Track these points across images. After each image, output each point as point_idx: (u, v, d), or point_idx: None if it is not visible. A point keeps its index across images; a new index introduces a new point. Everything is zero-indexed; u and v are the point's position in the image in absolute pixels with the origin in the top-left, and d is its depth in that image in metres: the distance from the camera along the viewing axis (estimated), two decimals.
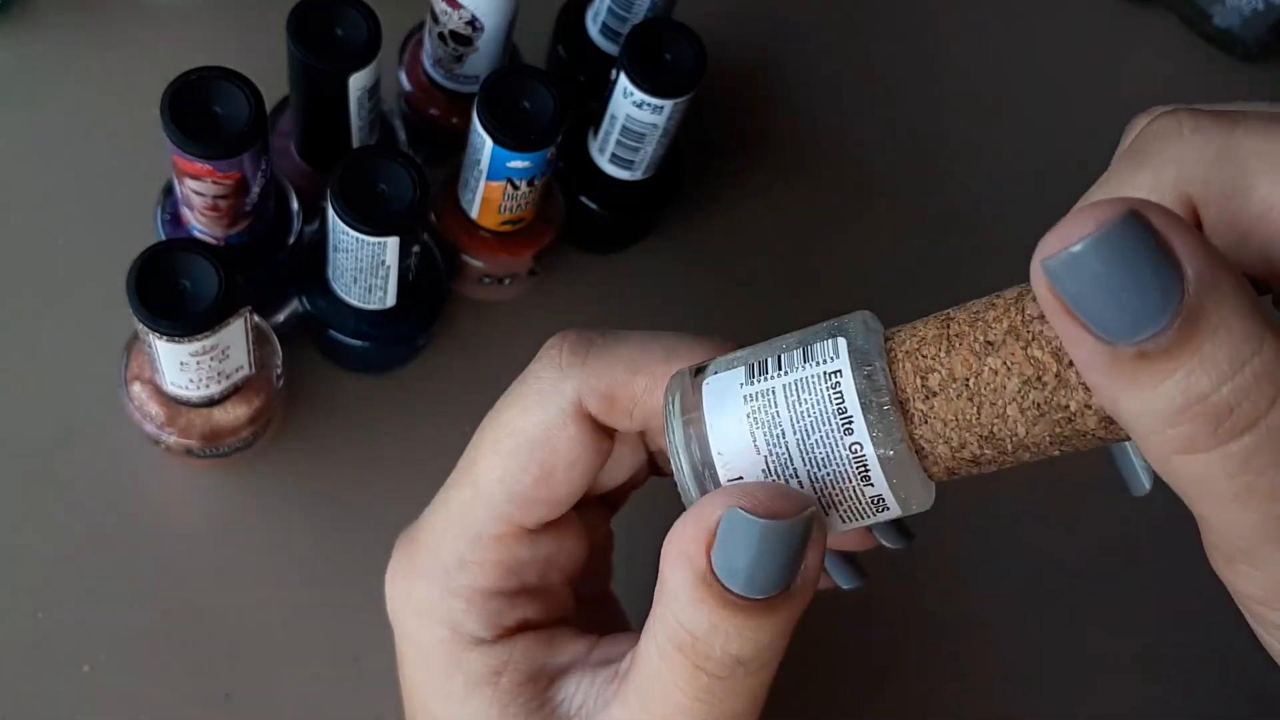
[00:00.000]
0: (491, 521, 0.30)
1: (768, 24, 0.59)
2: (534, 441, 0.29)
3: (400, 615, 0.32)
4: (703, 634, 0.25)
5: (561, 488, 0.30)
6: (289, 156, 0.47)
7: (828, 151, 0.57)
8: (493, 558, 0.30)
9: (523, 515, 0.30)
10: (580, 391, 0.29)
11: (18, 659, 0.43)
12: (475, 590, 0.30)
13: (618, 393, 0.29)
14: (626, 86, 0.44)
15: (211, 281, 0.37)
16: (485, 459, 0.30)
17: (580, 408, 0.29)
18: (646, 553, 0.42)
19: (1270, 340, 0.19)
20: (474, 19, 0.45)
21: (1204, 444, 0.20)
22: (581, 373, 0.29)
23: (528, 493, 0.29)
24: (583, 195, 0.50)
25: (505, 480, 0.29)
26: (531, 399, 0.29)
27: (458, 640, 0.31)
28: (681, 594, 0.25)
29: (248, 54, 0.43)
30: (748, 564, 0.24)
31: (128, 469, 0.46)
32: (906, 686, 0.49)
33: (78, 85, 0.50)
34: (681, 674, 0.26)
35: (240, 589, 0.45)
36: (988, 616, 0.51)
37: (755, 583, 0.24)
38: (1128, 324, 0.19)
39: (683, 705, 0.27)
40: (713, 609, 0.25)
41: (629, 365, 0.29)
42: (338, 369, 0.49)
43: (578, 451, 0.29)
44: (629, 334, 0.29)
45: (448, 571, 0.31)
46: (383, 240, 0.41)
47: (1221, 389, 0.19)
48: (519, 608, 0.31)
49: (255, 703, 0.44)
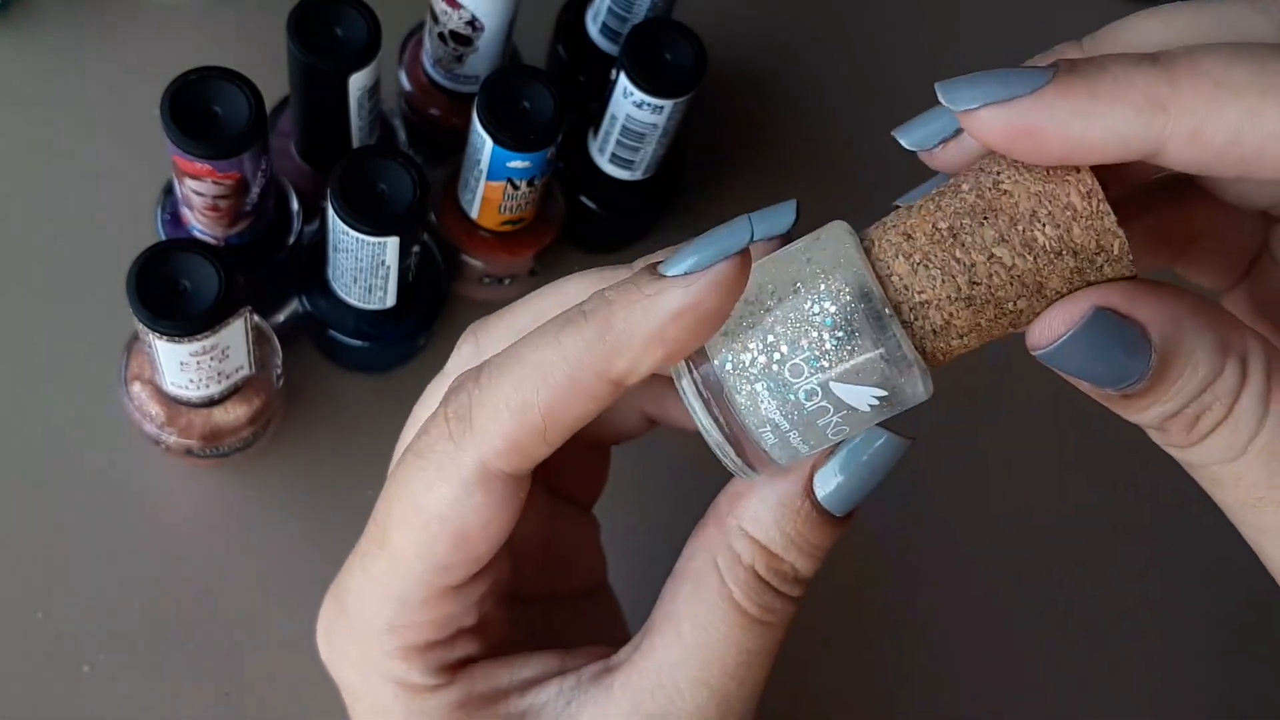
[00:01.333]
0: (414, 589, 0.29)
1: (767, 24, 0.59)
2: (443, 517, 0.28)
3: (343, 674, 0.31)
4: (781, 547, 0.28)
5: (479, 548, 0.28)
6: (289, 156, 0.47)
7: (828, 151, 0.57)
8: (423, 619, 0.29)
9: (445, 579, 0.29)
10: (480, 457, 0.27)
11: (18, 659, 0.43)
12: (411, 649, 0.30)
13: (517, 439, 0.27)
14: (626, 86, 0.44)
15: (211, 281, 0.37)
16: (397, 533, 0.29)
17: (485, 473, 0.27)
18: (637, 550, 0.42)
19: (1231, 362, 0.25)
20: (474, 19, 0.45)
21: (1184, 442, 0.26)
22: (472, 438, 0.27)
23: (445, 561, 0.28)
24: (583, 195, 0.50)
25: (421, 554, 0.28)
26: (430, 473, 0.28)
27: (412, 692, 0.30)
28: (778, 508, 0.28)
29: (248, 54, 0.43)
30: (848, 483, 0.27)
31: (128, 469, 0.46)
32: (909, 689, 0.49)
33: (78, 85, 0.50)
34: (728, 614, 0.28)
35: (240, 589, 0.45)
36: (982, 622, 0.51)
37: (847, 501, 0.28)
38: (1113, 381, 0.25)
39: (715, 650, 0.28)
40: (802, 520, 0.28)
41: (514, 407, 0.26)
42: (338, 369, 0.49)
43: (490, 513, 0.28)
44: (499, 369, 0.27)
45: (380, 635, 0.30)
46: (383, 240, 0.40)
47: (1188, 408, 0.25)
48: (459, 648, 0.31)
49: (255, 703, 0.44)
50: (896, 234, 0.25)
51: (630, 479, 0.40)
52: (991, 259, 0.24)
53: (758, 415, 0.26)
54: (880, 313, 0.25)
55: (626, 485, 0.39)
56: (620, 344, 0.25)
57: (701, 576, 0.29)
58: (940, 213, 0.25)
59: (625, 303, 0.25)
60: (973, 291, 0.25)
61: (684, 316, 0.24)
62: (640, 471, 0.40)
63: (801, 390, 0.25)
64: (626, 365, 0.25)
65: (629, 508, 0.37)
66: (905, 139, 0.27)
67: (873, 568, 0.50)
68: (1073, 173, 0.24)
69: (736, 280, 0.24)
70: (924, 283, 0.25)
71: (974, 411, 0.52)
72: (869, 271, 0.25)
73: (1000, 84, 0.24)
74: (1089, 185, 0.24)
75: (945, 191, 0.25)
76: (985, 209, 0.25)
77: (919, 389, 0.26)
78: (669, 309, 0.24)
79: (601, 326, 0.25)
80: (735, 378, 0.26)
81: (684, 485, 0.46)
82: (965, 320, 0.25)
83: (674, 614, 0.29)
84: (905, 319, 0.25)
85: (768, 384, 0.25)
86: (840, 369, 0.25)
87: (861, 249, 0.25)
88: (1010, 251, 0.24)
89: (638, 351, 0.25)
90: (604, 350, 0.25)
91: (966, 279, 0.25)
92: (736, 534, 0.28)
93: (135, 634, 0.44)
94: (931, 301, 0.25)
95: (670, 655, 0.29)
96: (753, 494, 0.28)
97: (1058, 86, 0.23)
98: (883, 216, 0.26)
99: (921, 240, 0.25)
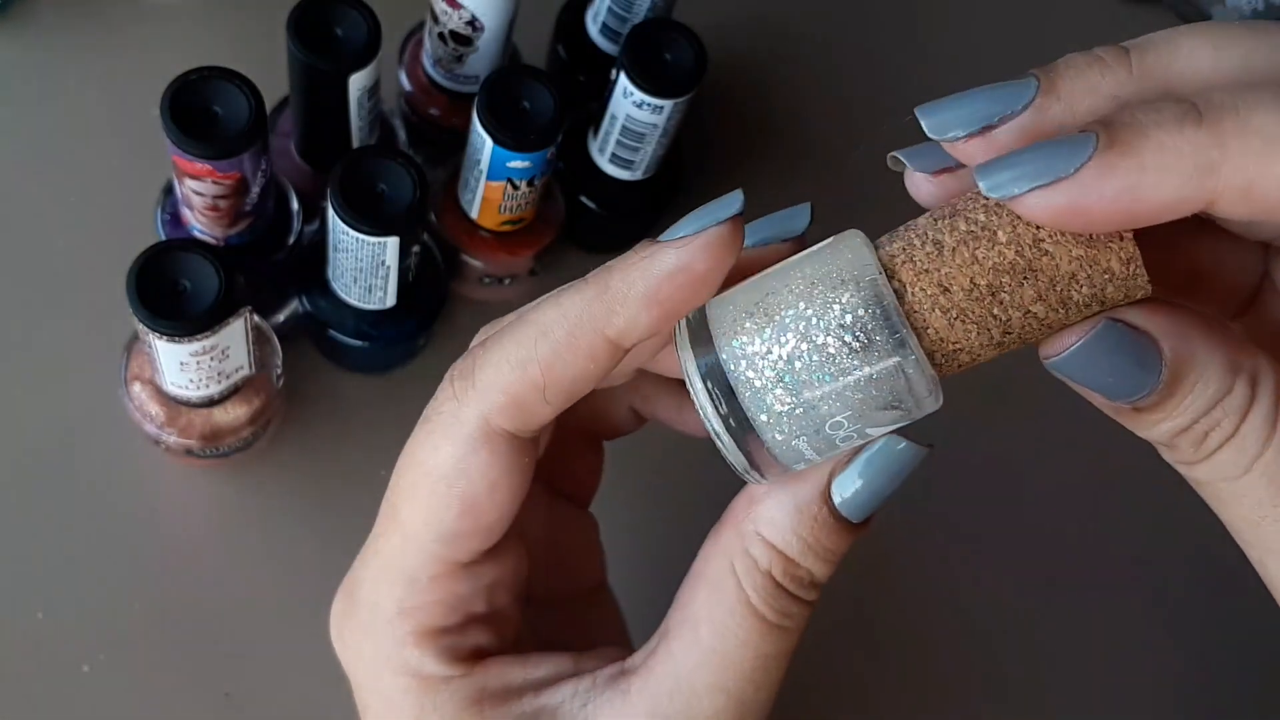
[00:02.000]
0: (425, 564, 0.29)
1: (768, 23, 0.59)
2: (448, 477, 0.28)
3: (358, 671, 0.31)
4: (798, 553, 0.28)
5: (487, 515, 0.29)
6: (289, 156, 0.47)
7: (827, 151, 0.57)
8: (433, 599, 0.30)
9: (454, 552, 0.29)
10: (482, 413, 0.28)
11: (18, 659, 0.43)
12: (423, 634, 0.30)
13: (517, 393, 0.28)
14: (626, 86, 0.44)
15: (211, 281, 0.37)
16: (406, 504, 0.29)
17: (487, 429, 0.28)
18: (636, 550, 0.42)
19: (1241, 381, 0.25)
20: (474, 19, 0.45)
21: (1192, 458, 0.26)
22: (475, 393, 0.28)
23: (454, 529, 0.29)
24: (583, 195, 0.50)
25: (430, 522, 0.29)
26: (436, 435, 0.29)
27: (425, 685, 0.30)
28: (795, 514, 0.28)
29: (248, 54, 0.43)
30: (865, 490, 0.28)
31: (128, 469, 0.46)
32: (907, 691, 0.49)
33: (78, 85, 0.50)
34: (746, 619, 0.28)
35: (240, 589, 0.45)
36: (986, 626, 0.51)
37: (865, 507, 0.28)
38: (1124, 393, 0.25)
39: (732, 657, 0.28)
40: (820, 526, 0.28)
41: (514, 362, 0.27)
42: (338, 369, 0.49)
43: (495, 475, 0.28)
44: (502, 331, 0.28)
45: (391, 622, 0.30)
46: (383, 240, 0.41)
47: (1197, 424, 0.25)
48: (471, 637, 0.31)
49: (255, 703, 0.44)
50: (931, 284, 0.25)
51: (626, 478, 0.40)
52: (1027, 314, 0.25)
53: (768, 420, 0.26)
54: (896, 326, 0.25)
55: (624, 484, 0.39)
56: (616, 301, 0.26)
57: (719, 581, 0.29)
58: (979, 267, 0.25)
59: (623, 266, 0.26)
60: (1004, 339, 0.25)
61: (677, 276, 0.25)
62: (637, 470, 0.40)
63: (813, 399, 0.25)
64: (623, 323, 0.26)
65: (626, 507, 0.37)
66: (913, 163, 0.27)
67: (878, 567, 0.50)
68: (1115, 239, 0.24)
69: (728, 244, 0.25)
70: (959, 336, 0.25)
71: (987, 413, 0.52)
72: (886, 285, 0.25)
73: (1042, 164, 0.23)
74: (1130, 253, 0.24)
75: (980, 237, 0.25)
76: (1026, 269, 0.24)
77: (930, 402, 0.26)
78: (664, 268, 0.25)
79: (599, 287, 0.26)
80: (746, 383, 0.26)
81: (681, 484, 0.46)
82: (990, 357, 0.25)
83: (691, 618, 0.29)
84: (938, 363, 0.25)
85: (780, 390, 0.25)
86: (852, 379, 0.25)
87: (877, 258, 0.25)
88: (1046, 308, 0.25)
89: (634, 309, 0.26)
90: (601, 307, 0.26)
91: (1000, 331, 0.25)
92: (753, 539, 0.28)
93: (135, 634, 0.44)
94: (963, 349, 0.25)
95: (688, 659, 0.29)
96: (769, 499, 0.28)
97: (1102, 164, 0.23)
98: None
99: (959, 295, 0.25)
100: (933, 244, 0.25)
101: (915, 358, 0.25)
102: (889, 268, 0.25)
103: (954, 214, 0.25)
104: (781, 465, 0.27)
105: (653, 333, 0.26)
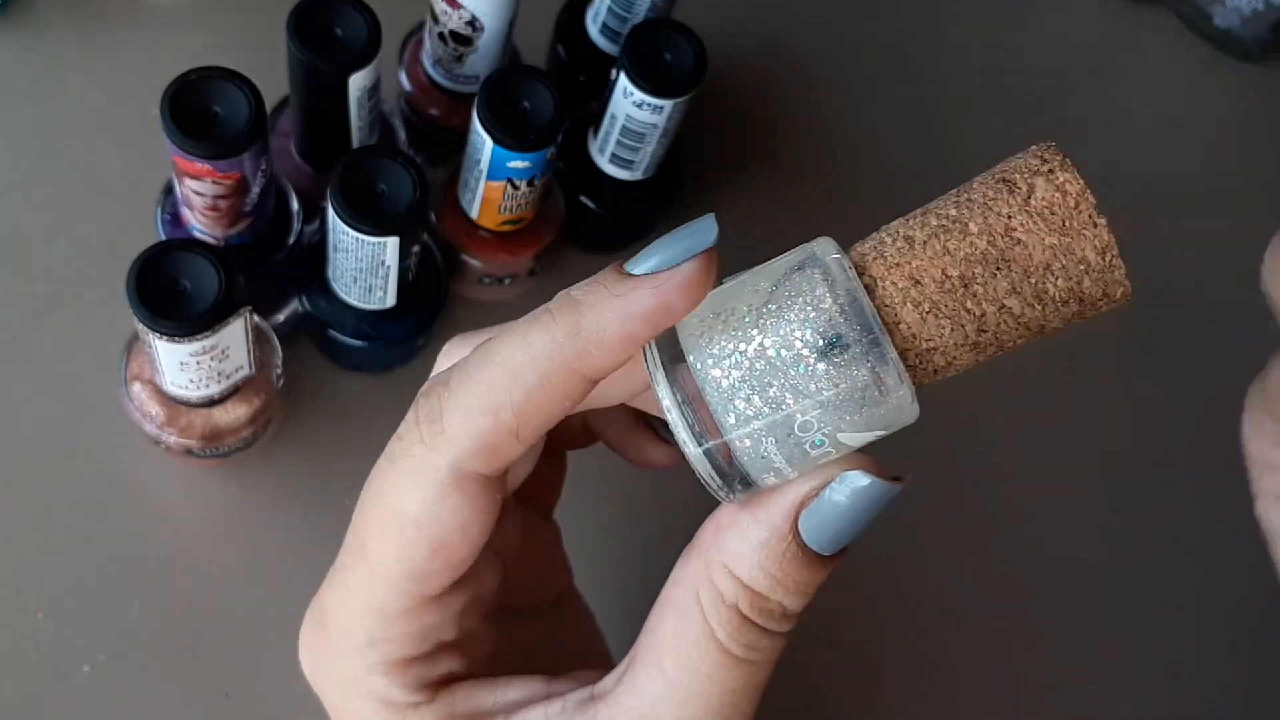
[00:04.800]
0: (394, 599, 0.29)
1: (768, 23, 0.59)
2: (419, 521, 0.28)
3: (331, 693, 0.31)
4: (765, 588, 0.27)
5: (458, 553, 0.28)
6: (289, 156, 0.47)
7: (829, 151, 0.57)
8: (402, 631, 0.29)
9: (424, 589, 0.29)
10: (453, 461, 0.27)
11: (18, 659, 0.43)
12: (391, 664, 0.30)
13: (490, 440, 0.27)
14: (626, 86, 0.44)
15: (211, 281, 0.37)
16: (374, 540, 0.29)
17: (458, 474, 0.27)
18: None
19: None
20: (474, 19, 0.45)
21: None
22: (445, 441, 0.27)
23: (424, 568, 0.28)
24: (583, 195, 0.50)
25: (401, 560, 0.28)
26: (406, 479, 0.28)
27: (389, 709, 0.30)
28: (762, 549, 0.27)
29: (248, 54, 0.43)
30: (836, 524, 0.26)
31: (128, 469, 0.46)
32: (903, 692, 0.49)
33: (78, 85, 0.50)
34: (710, 653, 0.27)
35: (240, 589, 0.45)
36: (978, 622, 0.51)
37: (836, 541, 0.27)
38: None
39: (698, 692, 0.27)
40: (788, 561, 0.26)
41: (485, 409, 0.26)
42: (338, 369, 0.49)
43: (465, 518, 0.28)
44: (468, 373, 0.27)
45: (360, 650, 0.30)
46: (383, 240, 0.41)
47: None
48: (441, 664, 0.30)
49: (255, 703, 0.44)
50: (903, 277, 0.24)
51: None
52: (1002, 309, 0.24)
53: (734, 422, 0.25)
54: (867, 320, 0.24)
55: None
56: (590, 343, 0.25)
57: (684, 610, 0.28)
58: (950, 258, 0.24)
59: (594, 303, 0.25)
60: (979, 338, 0.24)
61: (652, 318, 0.25)
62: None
63: (779, 396, 0.25)
64: (599, 363, 0.25)
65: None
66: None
67: (879, 567, 0.50)
68: (1089, 226, 0.24)
69: (703, 280, 0.25)
70: (932, 331, 0.24)
71: (970, 421, 0.52)
72: (863, 293, 0.25)
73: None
74: (1105, 241, 0.24)
75: (951, 230, 0.24)
76: (998, 259, 0.24)
77: (908, 412, 0.25)
78: (639, 310, 0.25)
79: (571, 326, 0.25)
80: (714, 383, 0.25)
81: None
82: (966, 360, 0.25)
83: (656, 647, 0.28)
84: (910, 364, 0.25)
85: (746, 389, 0.25)
86: (828, 393, 0.24)
87: (851, 267, 0.25)
88: (1021, 302, 0.24)
89: (610, 350, 0.25)
90: (574, 349, 0.25)
91: (975, 327, 0.24)
92: (719, 571, 0.27)
93: (135, 634, 0.44)
94: (938, 349, 0.25)
95: (653, 691, 0.28)
96: (734, 530, 0.27)
97: None
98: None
99: (930, 288, 0.24)
100: (904, 240, 0.25)
101: (884, 351, 0.24)
102: (860, 265, 0.25)
103: (925, 211, 0.25)
104: (755, 481, 0.26)
105: (624, 363, 0.26)
